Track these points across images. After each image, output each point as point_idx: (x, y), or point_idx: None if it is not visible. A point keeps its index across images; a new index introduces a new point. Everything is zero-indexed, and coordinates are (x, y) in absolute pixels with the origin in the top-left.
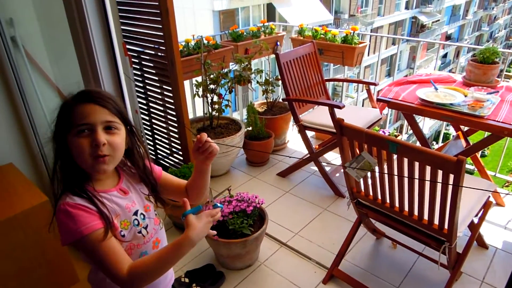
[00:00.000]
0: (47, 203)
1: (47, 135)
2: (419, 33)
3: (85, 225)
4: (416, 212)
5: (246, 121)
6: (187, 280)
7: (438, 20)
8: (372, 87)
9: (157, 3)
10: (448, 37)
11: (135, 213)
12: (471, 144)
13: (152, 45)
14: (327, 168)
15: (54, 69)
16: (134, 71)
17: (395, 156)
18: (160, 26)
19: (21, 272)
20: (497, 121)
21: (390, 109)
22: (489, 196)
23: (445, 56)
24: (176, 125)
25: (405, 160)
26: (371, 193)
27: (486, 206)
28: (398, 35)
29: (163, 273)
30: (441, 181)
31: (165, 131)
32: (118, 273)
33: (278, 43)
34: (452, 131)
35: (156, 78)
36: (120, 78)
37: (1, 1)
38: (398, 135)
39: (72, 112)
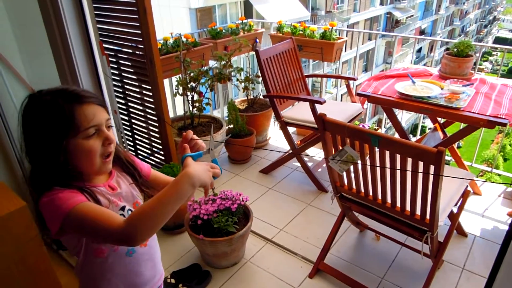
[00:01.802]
0: (25, 208)
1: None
2: (394, 29)
3: (70, 199)
4: (398, 204)
5: (227, 118)
6: (173, 280)
7: (412, 16)
8: (351, 82)
9: (134, 1)
10: (422, 32)
11: (122, 209)
12: (448, 135)
13: (130, 44)
14: (310, 164)
15: (27, 70)
16: (112, 71)
17: (377, 149)
18: (138, 24)
19: None
20: (473, 112)
21: (369, 104)
22: (467, 186)
23: (419, 50)
24: (156, 124)
25: (387, 153)
26: (354, 187)
27: (465, 195)
28: (374, 31)
29: (165, 215)
30: (422, 172)
31: (145, 131)
32: (113, 225)
33: (257, 40)
34: (428, 123)
35: (135, 77)
36: (99, 77)
37: None
38: (378, 129)
39: (74, 115)
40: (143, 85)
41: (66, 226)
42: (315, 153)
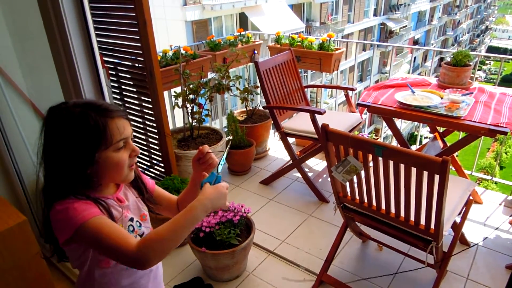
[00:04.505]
0: (25, 223)
1: (37, 151)
2: (387, 39)
3: (85, 211)
4: (403, 214)
5: (226, 130)
6: None
7: (405, 26)
8: (349, 92)
9: (134, 14)
10: (415, 42)
11: (131, 220)
12: (447, 144)
13: (129, 57)
14: (310, 174)
15: (27, 83)
16: (111, 83)
17: (380, 159)
18: (138, 37)
19: None
20: (473, 121)
21: (366, 113)
22: (470, 195)
23: (414, 60)
24: (156, 136)
25: (391, 163)
26: (357, 197)
27: (468, 204)
28: (368, 41)
29: (177, 240)
30: (427, 182)
31: (145, 143)
32: (128, 247)
33: (256, 51)
34: (423, 132)
35: (134, 90)
36: (103, 90)
37: None
38: (377, 138)
39: (106, 128)
40: (142, 98)
41: (77, 237)
42: (315, 163)
